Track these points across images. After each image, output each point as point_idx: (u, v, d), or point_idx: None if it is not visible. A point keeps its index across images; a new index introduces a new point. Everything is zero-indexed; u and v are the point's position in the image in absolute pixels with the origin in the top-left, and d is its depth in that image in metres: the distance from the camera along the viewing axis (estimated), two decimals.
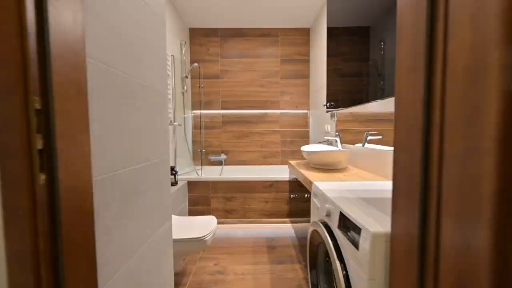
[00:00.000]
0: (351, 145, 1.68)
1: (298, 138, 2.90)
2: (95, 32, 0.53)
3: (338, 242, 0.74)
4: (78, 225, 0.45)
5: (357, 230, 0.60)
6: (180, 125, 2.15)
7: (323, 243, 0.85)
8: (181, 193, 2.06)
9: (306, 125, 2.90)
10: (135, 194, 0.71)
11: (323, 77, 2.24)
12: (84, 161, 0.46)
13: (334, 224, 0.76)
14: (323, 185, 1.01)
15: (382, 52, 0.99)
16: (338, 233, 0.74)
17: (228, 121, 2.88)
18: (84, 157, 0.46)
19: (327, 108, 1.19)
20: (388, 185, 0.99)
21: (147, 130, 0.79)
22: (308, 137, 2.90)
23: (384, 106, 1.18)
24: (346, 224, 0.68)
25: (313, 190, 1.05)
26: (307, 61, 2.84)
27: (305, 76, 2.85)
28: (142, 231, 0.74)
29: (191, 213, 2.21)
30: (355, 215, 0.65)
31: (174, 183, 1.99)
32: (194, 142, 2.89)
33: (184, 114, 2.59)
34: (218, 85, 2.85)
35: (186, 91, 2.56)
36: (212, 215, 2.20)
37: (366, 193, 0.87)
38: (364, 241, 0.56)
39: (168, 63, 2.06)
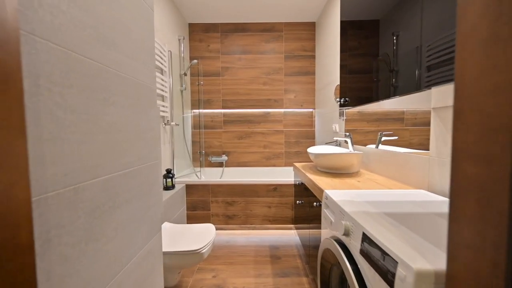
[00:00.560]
0: (362, 146, 1.53)
1: (303, 138, 2.75)
2: (46, 3, 0.40)
3: (359, 268, 0.60)
4: (5, 267, 0.32)
5: (391, 262, 0.46)
6: (177, 124, 2.02)
7: (337, 264, 0.70)
8: (179, 197, 1.93)
9: (312, 124, 2.75)
10: (112, 208, 0.57)
11: (331, 74, 2.09)
12: (14, 176, 0.33)
13: (354, 247, 0.62)
14: (337, 194, 0.86)
15: (395, 48, 0.88)
16: (359, 259, 0.59)
17: (229, 120, 2.75)
18: (15, 171, 0.33)
19: (341, 104, 1.05)
20: (417, 195, 0.85)
21: (128, 131, 0.66)
22: (313, 138, 2.75)
23: (404, 103, 1.03)
24: (372, 250, 0.53)
25: (324, 200, 0.91)
26: (313, 57, 2.69)
27: (310, 73, 2.70)
28: (122, 252, 0.61)
29: (189, 218, 2.08)
30: (385, 239, 0.50)
31: (171, 187, 1.87)
32: (193, 142, 2.76)
33: (183, 113, 2.46)
34: (219, 83, 2.72)
35: (185, 89, 2.43)
36: (212, 220, 2.07)
37: (391, 206, 0.73)
38: (403, 281, 0.41)
39: (165, 58, 1.93)
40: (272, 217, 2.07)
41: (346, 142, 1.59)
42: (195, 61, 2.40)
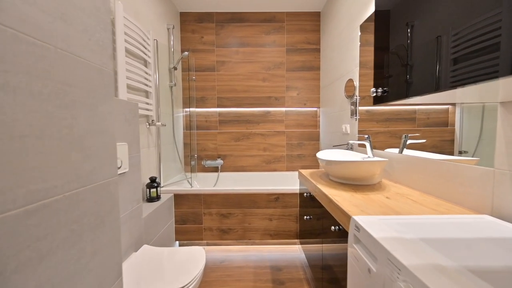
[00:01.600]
0: (379, 151, 1.28)
1: (306, 140, 2.50)
2: None
3: None
4: None
5: None
6: (164, 125, 1.75)
7: None
8: (165, 209, 1.66)
9: (316, 125, 2.49)
10: (28, 261, 0.31)
11: (340, 68, 1.84)
12: None
13: None
14: (374, 224, 0.60)
15: (409, 41, 0.75)
16: None
17: (225, 120, 2.48)
18: None
19: (377, 96, 0.80)
20: (487, 225, 0.57)
21: (47, 137, 0.39)
22: (318, 139, 2.49)
23: (457, 97, 0.78)
24: None
25: (354, 231, 0.65)
26: (317, 50, 2.44)
27: (314, 68, 2.45)
28: None
29: (178, 233, 1.81)
30: None
31: (155, 198, 1.59)
32: (185, 145, 2.49)
33: (173, 112, 2.19)
34: (214, 79, 2.45)
35: (175, 85, 2.16)
36: (204, 235, 1.80)
37: (469, 251, 0.47)
38: None
39: (149, 48, 1.66)
40: (273, 231, 1.80)
41: (364, 146, 1.33)
42: (186, 53, 2.13)
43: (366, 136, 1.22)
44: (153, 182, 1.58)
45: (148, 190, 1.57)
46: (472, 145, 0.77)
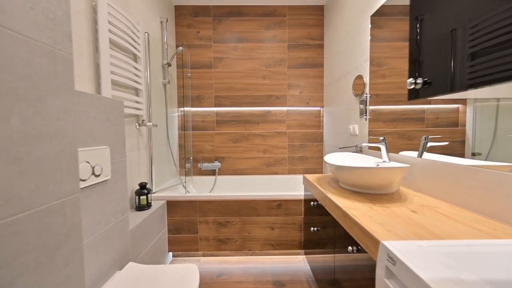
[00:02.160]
0: (394, 154, 1.14)
1: (309, 141, 2.36)
2: None
3: None
4: None
5: None
6: (155, 125, 1.60)
7: None
8: (157, 218, 1.51)
9: (319, 125, 2.36)
10: None
11: (346, 64, 1.70)
12: None
13: None
14: (412, 256, 0.46)
15: (418, 37, 0.76)
16: None
17: (223, 120, 2.34)
18: None
19: (414, 90, 0.67)
20: None
21: None
22: (321, 141, 2.36)
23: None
24: None
25: (384, 261, 0.51)
26: (321, 46, 2.30)
27: (318, 64, 2.31)
28: None
29: (172, 244, 1.66)
30: None
31: (145, 207, 1.45)
32: (181, 147, 2.34)
33: (167, 112, 2.04)
34: (211, 77, 2.31)
35: (169, 83, 2.02)
36: (200, 245, 1.65)
37: None
38: None
39: (139, 41, 1.51)
40: (275, 240, 1.66)
41: (380, 149, 1.20)
42: (180, 48, 1.99)
43: (381, 137, 1.09)
44: (143, 189, 1.44)
45: (137, 197, 1.42)
46: (485, 147, 0.73)
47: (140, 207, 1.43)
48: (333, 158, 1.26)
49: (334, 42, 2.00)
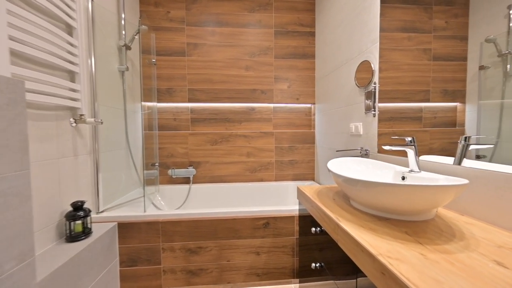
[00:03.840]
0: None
1: (299, 143, 2.06)
2: None
3: None
4: None
5: None
6: (101, 122, 1.19)
7: None
8: (102, 249, 1.11)
9: (310, 124, 2.06)
10: None
11: (344, 51, 1.41)
12: None
13: None
14: None
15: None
16: None
17: (198, 118, 1.96)
18: None
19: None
20: None
21: None
22: (313, 142, 2.07)
23: None
24: None
25: None
26: (312, 34, 2.01)
27: (308, 55, 2.02)
28: None
29: (125, 280, 1.25)
30: None
31: (82, 235, 1.04)
32: (147, 150, 1.92)
33: (126, 106, 1.63)
34: (184, 66, 1.93)
35: (127, 70, 1.61)
36: (164, 280, 1.26)
37: None
38: None
39: (73, 6, 1.10)
40: (262, 268, 1.32)
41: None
42: (145, 26, 1.59)
43: (409, 138, 0.79)
44: (77, 210, 1.03)
45: (68, 223, 1.01)
46: (487, 148, 0.69)
47: (73, 237, 1.02)
48: (338, 166, 0.95)
49: (328, 28, 1.72)
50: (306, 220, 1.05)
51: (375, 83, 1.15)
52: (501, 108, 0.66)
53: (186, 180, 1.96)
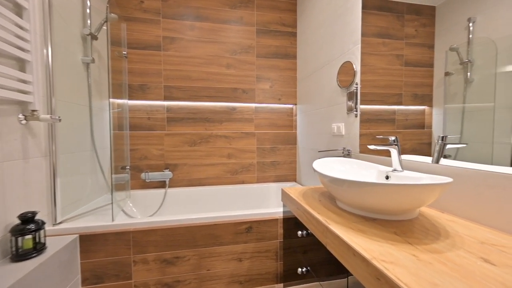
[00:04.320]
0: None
1: (281, 143, 2.03)
2: None
3: None
4: None
5: None
6: (59, 119, 1.03)
7: None
8: (60, 265, 0.95)
9: (292, 125, 2.05)
10: None
11: (325, 52, 1.41)
12: None
13: None
14: None
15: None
16: None
17: (175, 118, 1.84)
18: None
19: None
20: None
21: None
22: (295, 143, 2.05)
23: None
24: None
25: None
26: (293, 34, 2.01)
27: (290, 55, 2.01)
28: None
29: None
30: None
31: (33, 252, 0.88)
32: (116, 151, 1.75)
33: (91, 103, 1.46)
34: (159, 61, 1.80)
35: (93, 62, 1.44)
36: None
37: None
38: None
39: None
40: (244, 275, 1.25)
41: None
42: (114, 15, 1.44)
43: (393, 138, 0.79)
44: (27, 223, 0.87)
45: (14, 239, 0.85)
46: (452, 148, 0.74)
47: (21, 255, 0.85)
48: (323, 167, 0.92)
49: (310, 29, 1.72)
50: (290, 222, 1.01)
51: (356, 84, 1.15)
52: (462, 111, 0.70)
53: (161, 184, 1.82)
